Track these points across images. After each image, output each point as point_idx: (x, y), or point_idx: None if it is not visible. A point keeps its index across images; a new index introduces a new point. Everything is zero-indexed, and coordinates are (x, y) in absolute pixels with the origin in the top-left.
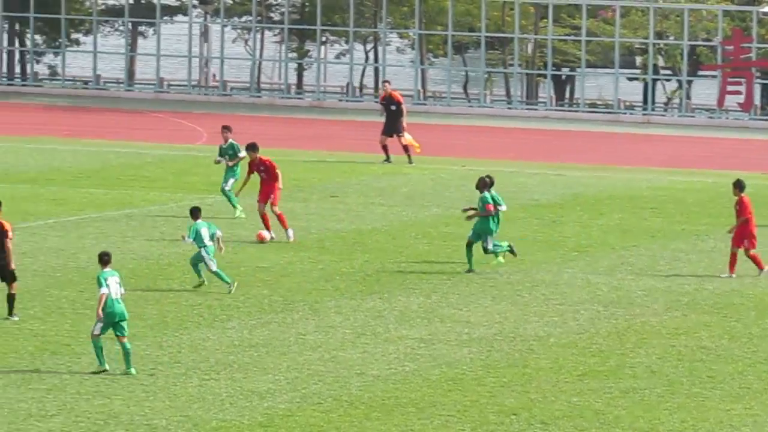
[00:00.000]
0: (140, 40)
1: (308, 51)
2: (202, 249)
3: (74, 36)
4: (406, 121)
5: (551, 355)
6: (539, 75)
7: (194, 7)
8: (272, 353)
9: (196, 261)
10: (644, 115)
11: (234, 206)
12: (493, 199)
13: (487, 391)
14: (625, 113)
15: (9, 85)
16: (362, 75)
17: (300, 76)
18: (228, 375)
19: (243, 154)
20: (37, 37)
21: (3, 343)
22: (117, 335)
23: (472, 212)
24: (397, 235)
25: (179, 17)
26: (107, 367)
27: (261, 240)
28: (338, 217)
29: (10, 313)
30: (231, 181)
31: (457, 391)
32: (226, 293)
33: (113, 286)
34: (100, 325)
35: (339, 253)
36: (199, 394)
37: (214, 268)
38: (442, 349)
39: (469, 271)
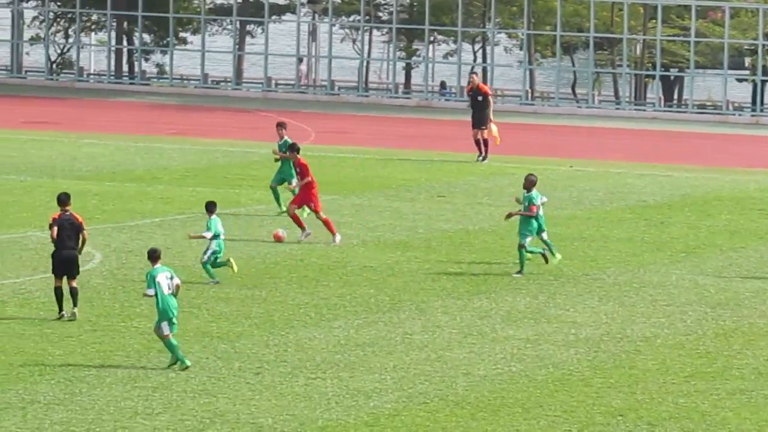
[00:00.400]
0: (248, 39)
1: (416, 50)
2: (212, 242)
3: (182, 35)
4: (492, 113)
5: (658, 356)
6: (648, 76)
7: (302, 6)
8: (378, 353)
9: (219, 252)
10: (753, 116)
11: (278, 204)
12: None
13: (593, 391)
14: (734, 114)
15: (117, 83)
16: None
17: (408, 76)
18: (334, 374)
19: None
20: (145, 35)
21: (109, 341)
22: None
23: (514, 213)
24: (504, 235)
25: (287, 16)
26: (189, 363)
27: (278, 239)
28: (445, 217)
29: (75, 305)
30: (294, 181)
31: (564, 391)
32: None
33: (163, 282)
34: (165, 324)
35: (446, 253)
36: (305, 393)
37: (205, 259)
38: (548, 350)
39: (519, 272)
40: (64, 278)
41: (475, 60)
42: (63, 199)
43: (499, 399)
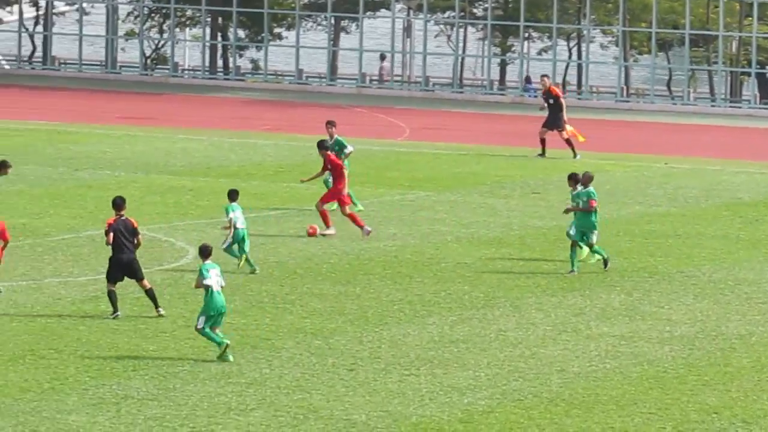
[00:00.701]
0: (342, 35)
1: (511, 46)
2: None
3: (277, 30)
4: (565, 115)
5: (753, 353)
6: (743, 73)
7: (397, 2)
8: (473, 349)
9: (241, 239)
10: None
11: (354, 203)
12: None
13: (688, 389)
14: None
15: (211, 79)
16: (565, 72)
17: (502, 72)
18: (428, 371)
19: (350, 149)
20: (239, 31)
21: (203, 337)
22: (211, 326)
23: (572, 207)
24: (599, 232)
25: (382, 12)
26: (231, 358)
27: (312, 234)
28: (540, 213)
29: (157, 306)
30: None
31: (658, 389)
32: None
33: (214, 278)
34: (203, 318)
35: (540, 250)
36: (399, 390)
37: (224, 246)
38: (643, 347)
39: (571, 272)
40: (120, 281)
41: (570, 57)
42: (119, 203)
43: (593, 396)
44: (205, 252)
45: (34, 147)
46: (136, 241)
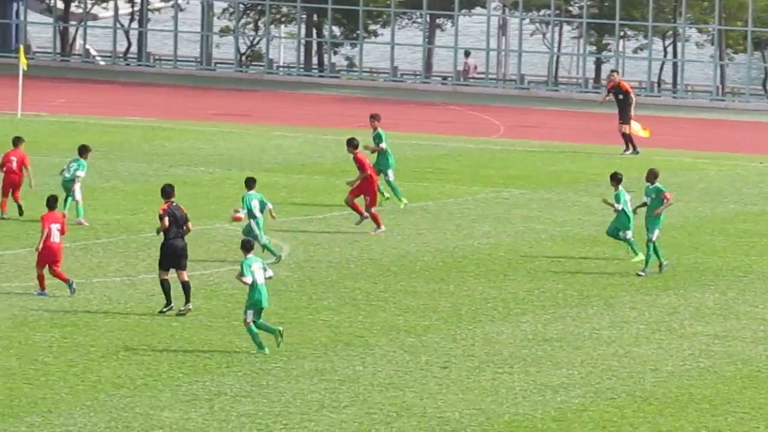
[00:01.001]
0: (438, 33)
1: (607, 45)
2: (252, 221)
3: (372, 27)
4: (633, 111)
5: None
6: None
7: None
8: (566, 348)
9: (248, 232)
10: None
11: (399, 199)
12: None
13: None
14: None
15: (306, 76)
16: (660, 70)
17: (598, 71)
18: (521, 369)
19: (383, 145)
20: (335, 28)
21: (296, 334)
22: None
23: (662, 207)
24: (693, 231)
25: (477, 10)
26: (267, 350)
27: (236, 219)
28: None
29: (187, 302)
30: (390, 171)
31: (752, 388)
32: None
33: (258, 272)
34: (251, 312)
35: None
36: (492, 388)
37: (263, 240)
38: (737, 346)
39: (643, 271)
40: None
41: (665, 55)
42: (168, 191)
43: (687, 395)
44: (247, 246)
45: (129, 143)
46: (186, 229)
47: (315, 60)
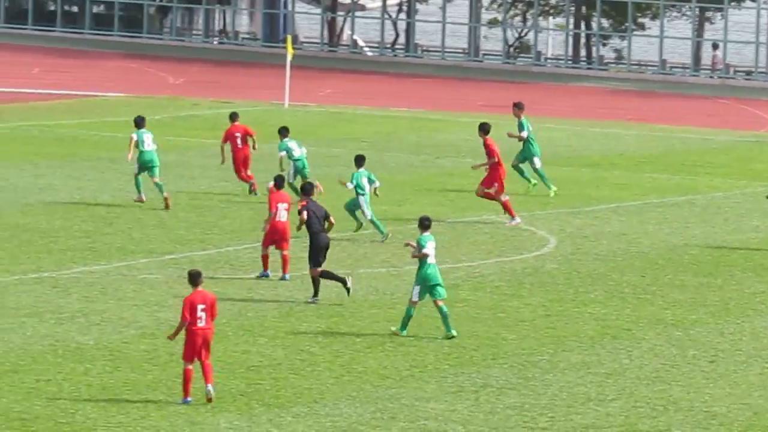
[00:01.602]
0: (707, 26)
1: None
2: (360, 196)
3: (640, 20)
4: None
5: None
6: None
7: None
8: None
9: (354, 207)
10: None
11: (548, 186)
12: None
13: None
14: None
15: (574, 68)
16: None
17: None
18: None
19: (524, 133)
20: (603, 20)
21: (563, 326)
22: (434, 299)
23: None
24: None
25: (747, 3)
26: (404, 333)
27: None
28: None
29: (316, 294)
30: (536, 159)
31: None
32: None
33: (430, 250)
34: (417, 289)
35: None
36: (760, 382)
37: (369, 216)
38: None
39: None
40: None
41: None
42: (307, 189)
43: None
44: (424, 224)
45: (397, 134)
46: (327, 224)
47: (583, 52)
